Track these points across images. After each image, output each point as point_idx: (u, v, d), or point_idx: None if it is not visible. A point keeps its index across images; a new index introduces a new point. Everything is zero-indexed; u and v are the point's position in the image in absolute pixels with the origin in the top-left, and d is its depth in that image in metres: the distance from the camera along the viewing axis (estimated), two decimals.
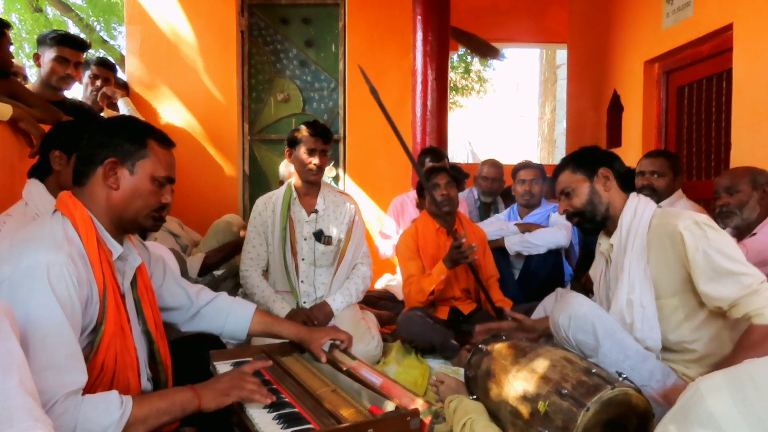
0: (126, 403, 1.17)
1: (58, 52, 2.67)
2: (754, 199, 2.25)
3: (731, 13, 2.78)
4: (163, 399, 1.25)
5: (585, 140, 4.59)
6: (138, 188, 1.36)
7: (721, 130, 3.07)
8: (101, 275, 1.27)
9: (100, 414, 1.13)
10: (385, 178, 4.19)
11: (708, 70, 3.17)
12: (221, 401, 1.31)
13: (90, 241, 1.27)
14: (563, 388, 1.35)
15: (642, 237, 1.63)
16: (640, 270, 1.62)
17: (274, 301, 2.48)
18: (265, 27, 4.33)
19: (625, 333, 1.62)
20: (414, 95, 3.86)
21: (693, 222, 1.51)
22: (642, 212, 1.67)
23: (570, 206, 1.78)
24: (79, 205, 1.31)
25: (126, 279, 1.41)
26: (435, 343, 2.50)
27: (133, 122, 1.44)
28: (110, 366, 1.26)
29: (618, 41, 4.00)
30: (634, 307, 1.61)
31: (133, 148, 1.36)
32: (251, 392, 1.33)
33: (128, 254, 1.43)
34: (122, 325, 1.31)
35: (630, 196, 1.74)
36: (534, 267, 3.02)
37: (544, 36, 6.84)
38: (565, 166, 1.81)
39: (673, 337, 1.60)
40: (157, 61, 4.08)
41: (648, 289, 1.61)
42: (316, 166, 2.51)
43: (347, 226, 2.65)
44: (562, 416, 1.32)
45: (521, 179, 3.23)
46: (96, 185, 1.34)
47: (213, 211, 3.74)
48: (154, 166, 1.38)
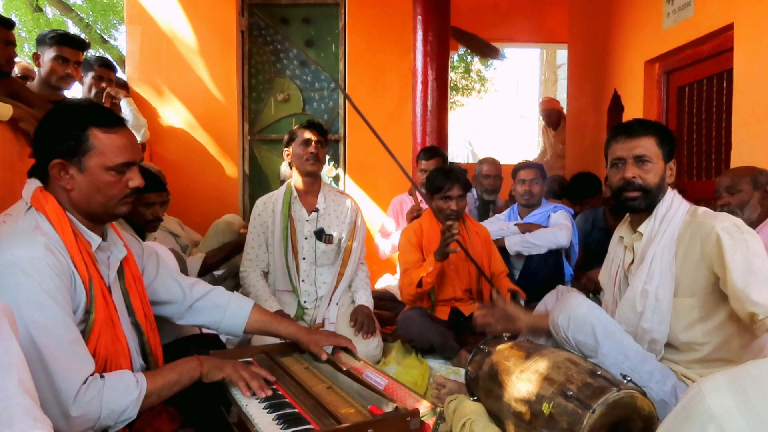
0: (141, 381, 1.24)
1: (58, 51, 2.67)
2: (755, 199, 2.25)
3: (732, 13, 2.78)
4: (173, 371, 1.34)
5: (585, 140, 4.58)
6: (94, 184, 1.29)
7: (721, 130, 3.06)
8: (83, 264, 1.25)
9: (120, 394, 1.20)
10: (385, 178, 4.19)
11: (708, 70, 3.16)
12: (215, 374, 1.40)
13: (66, 232, 1.25)
14: (568, 390, 1.35)
15: (674, 230, 1.59)
16: (665, 263, 1.58)
17: (266, 300, 2.46)
18: (266, 27, 4.33)
19: (624, 334, 1.61)
20: (414, 95, 3.85)
21: (732, 224, 1.46)
22: (678, 206, 1.63)
23: (640, 177, 1.62)
24: (50, 198, 1.28)
25: (111, 270, 1.39)
26: (434, 343, 2.49)
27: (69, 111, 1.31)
28: (102, 354, 1.27)
29: (618, 41, 3.99)
30: (648, 298, 1.58)
31: (74, 143, 1.26)
32: (239, 378, 1.40)
33: (111, 246, 1.40)
34: (111, 316, 1.31)
35: (668, 190, 1.68)
36: (534, 267, 3.02)
37: (544, 36, 6.84)
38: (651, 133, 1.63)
39: (683, 337, 1.58)
40: (157, 60, 4.08)
41: (668, 283, 1.57)
42: (312, 154, 2.53)
43: (349, 226, 2.66)
44: (567, 418, 1.32)
45: (521, 179, 3.23)
46: (54, 186, 1.30)
47: (213, 211, 3.74)
48: (103, 156, 1.28)
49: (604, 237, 3.20)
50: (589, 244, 3.38)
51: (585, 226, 3.38)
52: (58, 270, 1.18)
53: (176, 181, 3.32)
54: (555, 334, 1.69)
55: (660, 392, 1.53)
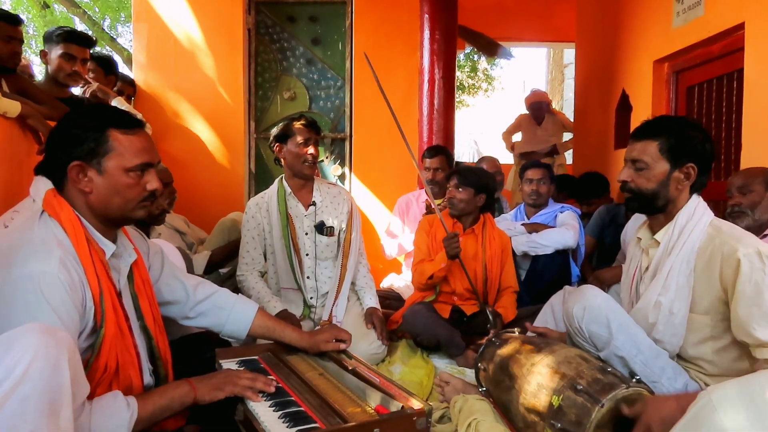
0: (132, 405, 1.20)
1: (65, 48, 2.68)
2: (767, 200, 2.23)
3: (743, 12, 2.75)
4: (163, 396, 1.29)
5: (592, 140, 4.56)
6: (113, 186, 1.29)
7: (731, 130, 3.04)
8: (95, 277, 1.23)
9: (109, 419, 1.15)
10: (392, 177, 4.18)
11: (719, 70, 3.13)
12: (215, 395, 1.35)
13: (80, 242, 1.23)
14: (578, 384, 1.37)
15: (694, 242, 1.53)
16: (682, 275, 1.53)
17: (269, 301, 2.44)
18: (272, 25, 4.33)
19: (638, 328, 1.59)
20: (421, 94, 3.84)
21: (756, 252, 1.40)
22: (700, 216, 1.56)
23: (633, 181, 1.61)
24: (65, 204, 1.25)
25: (122, 276, 1.38)
26: (441, 339, 2.48)
27: (88, 113, 1.32)
28: (112, 367, 1.26)
29: (627, 40, 3.96)
30: (661, 310, 1.55)
31: (94, 145, 1.26)
32: (244, 388, 1.36)
33: (123, 251, 1.39)
34: (120, 326, 1.29)
35: (692, 197, 1.61)
36: (541, 267, 3.00)
37: (551, 35, 6.81)
38: (655, 136, 1.59)
39: (692, 352, 1.55)
40: (164, 58, 4.08)
41: (685, 297, 1.52)
42: (311, 156, 2.50)
43: (346, 216, 2.64)
44: (576, 411, 1.34)
45: (528, 179, 3.22)
46: (71, 189, 1.28)
47: (219, 209, 3.74)
48: (122, 158, 1.28)
49: (618, 234, 3.17)
50: (603, 238, 3.34)
51: (606, 217, 3.31)
52: (69, 286, 1.16)
53: (182, 178, 3.32)
54: (568, 325, 1.68)
55: (671, 389, 1.52)
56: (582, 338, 1.63)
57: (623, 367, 1.55)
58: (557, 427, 1.36)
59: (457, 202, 2.69)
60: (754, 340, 1.36)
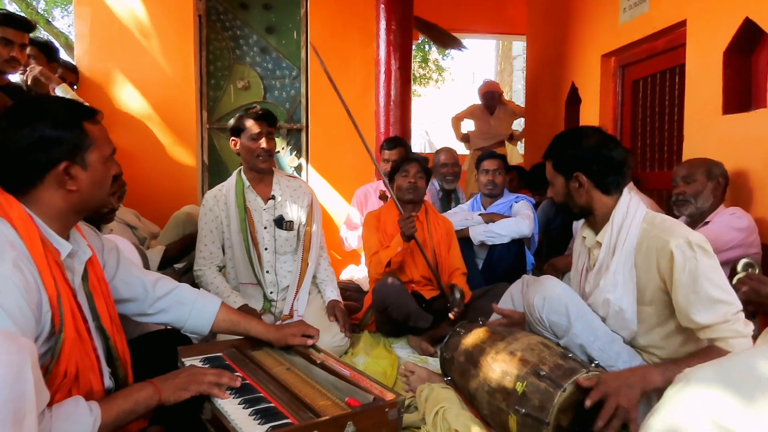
0: (95, 410, 1.15)
1: (1, 33, 2.50)
2: (709, 189, 2.36)
3: (685, 9, 2.89)
4: (126, 400, 1.25)
5: (543, 132, 4.69)
6: (97, 178, 1.28)
7: (674, 123, 3.19)
8: (51, 280, 1.16)
9: (71, 426, 1.10)
10: (349, 168, 4.16)
11: (662, 65, 3.28)
12: (180, 395, 1.32)
13: (34, 243, 1.16)
14: (541, 370, 1.42)
15: (632, 239, 1.60)
16: (626, 272, 1.60)
17: (228, 296, 2.40)
18: (224, 12, 4.20)
19: (594, 315, 1.67)
20: (377, 85, 3.84)
21: (686, 242, 1.47)
22: (634, 213, 1.63)
23: (552, 194, 1.82)
24: (14, 203, 1.18)
25: (76, 275, 1.31)
26: (410, 310, 2.53)
27: (62, 108, 1.25)
28: (72, 372, 1.19)
29: (576, 35, 4.08)
30: (610, 306, 1.62)
31: (76, 141, 1.23)
32: (210, 386, 1.34)
33: (77, 249, 1.33)
34: (79, 329, 1.23)
35: (623, 194, 1.68)
36: (497, 256, 3.08)
37: (503, 27, 6.93)
38: (548, 157, 1.78)
39: (643, 340, 1.63)
40: (109, 45, 3.88)
41: (631, 292, 1.60)
42: (264, 150, 2.44)
43: (306, 210, 2.61)
44: (539, 396, 1.39)
45: (485, 169, 3.28)
46: (46, 191, 1.21)
47: (171, 201, 3.62)
48: (100, 149, 1.28)
49: (567, 225, 3.29)
50: (550, 231, 3.45)
51: (549, 212, 3.43)
52: (24, 289, 1.10)
53: (132, 170, 3.18)
54: (529, 315, 1.73)
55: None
56: (542, 327, 1.69)
57: (582, 354, 1.61)
58: (522, 413, 1.40)
59: (420, 189, 2.79)
60: (696, 325, 1.46)
